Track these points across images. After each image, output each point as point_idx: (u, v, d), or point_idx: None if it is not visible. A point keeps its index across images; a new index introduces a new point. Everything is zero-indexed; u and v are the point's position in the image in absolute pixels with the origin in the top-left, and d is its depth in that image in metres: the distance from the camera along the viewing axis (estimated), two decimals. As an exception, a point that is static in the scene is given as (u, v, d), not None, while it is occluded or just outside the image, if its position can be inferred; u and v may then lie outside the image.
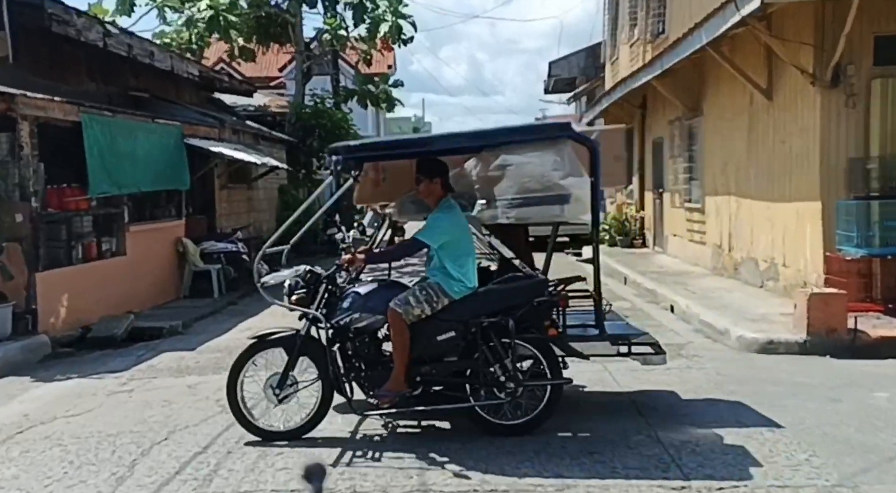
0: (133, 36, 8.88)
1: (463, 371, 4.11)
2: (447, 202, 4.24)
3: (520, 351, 4.08)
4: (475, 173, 4.40)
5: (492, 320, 3.99)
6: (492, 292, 4.18)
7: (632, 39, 14.88)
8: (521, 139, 4.26)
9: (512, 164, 4.18)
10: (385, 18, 14.21)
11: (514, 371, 4.01)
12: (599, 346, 4.34)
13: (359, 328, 4.11)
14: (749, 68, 8.26)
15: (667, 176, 12.22)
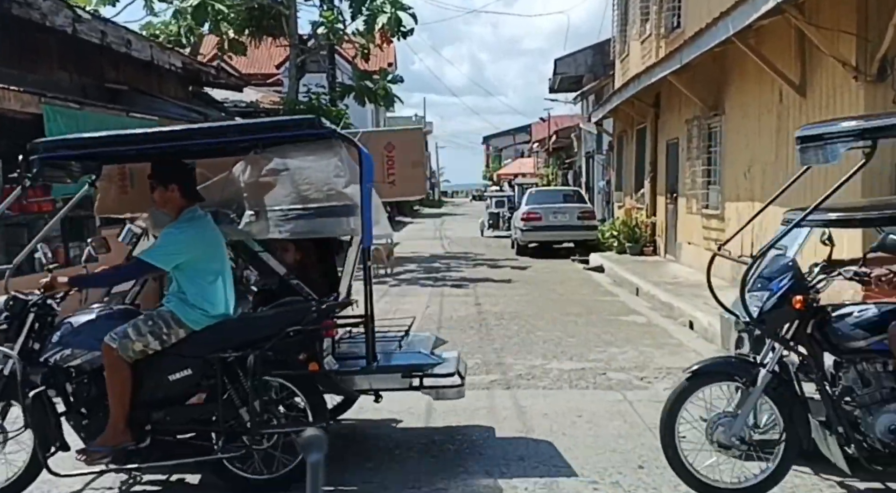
0: (108, 23, 8.19)
1: (210, 417, 3.45)
2: (190, 214, 3.51)
3: (278, 391, 3.49)
4: (243, 179, 3.69)
5: (238, 355, 3.35)
6: (239, 321, 3.59)
7: (643, 35, 14.15)
8: (261, 138, 3.55)
9: (287, 168, 3.56)
10: (384, 10, 13.51)
11: (262, 415, 3.40)
12: (389, 379, 3.74)
13: (75, 367, 3.41)
14: (778, 62, 7.52)
15: (682, 179, 11.48)
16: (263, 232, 3.70)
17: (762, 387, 3.20)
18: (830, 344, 3.23)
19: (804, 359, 3.26)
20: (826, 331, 3.23)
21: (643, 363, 5.96)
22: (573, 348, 6.57)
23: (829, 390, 3.19)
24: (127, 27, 8.90)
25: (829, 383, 3.22)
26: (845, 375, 3.22)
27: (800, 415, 3.22)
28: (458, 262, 14.85)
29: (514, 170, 40.14)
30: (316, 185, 3.54)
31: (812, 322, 3.23)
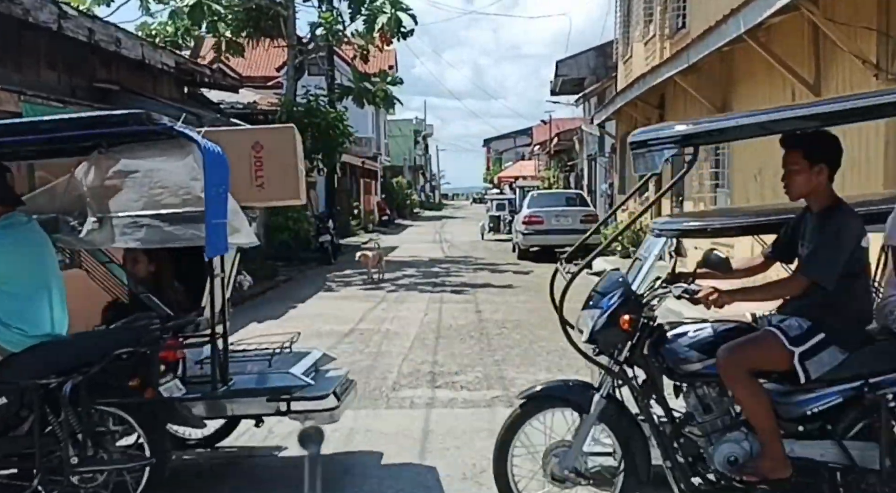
0: (96, 20, 7.89)
1: (31, 451, 3.03)
2: (6, 221, 3.12)
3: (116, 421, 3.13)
4: (86, 182, 3.31)
5: (60, 381, 2.96)
6: (65, 343, 3.18)
7: (647, 36, 13.89)
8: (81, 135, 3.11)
9: (137, 171, 3.19)
10: (384, 10, 13.24)
11: (90, 450, 3.01)
12: (249, 404, 3.42)
13: None
14: (791, 60, 7.24)
15: (689, 183, 11.19)
16: (107, 241, 3.33)
17: (596, 414, 2.94)
18: (667, 367, 2.96)
19: (643, 383, 2.99)
20: (661, 353, 2.96)
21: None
22: (578, 359, 6.18)
23: (668, 417, 2.95)
24: (116, 25, 8.60)
25: (668, 410, 2.96)
26: (686, 400, 2.97)
27: (638, 444, 2.96)
28: (458, 266, 14.56)
29: (515, 173, 39.88)
30: (170, 189, 3.16)
31: (648, 343, 2.96)
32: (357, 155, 27.15)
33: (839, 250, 2.73)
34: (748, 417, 2.81)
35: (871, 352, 2.78)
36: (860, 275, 2.84)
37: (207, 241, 3.00)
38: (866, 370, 2.75)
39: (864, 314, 2.86)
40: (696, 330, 3.01)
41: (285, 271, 13.20)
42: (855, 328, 2.81)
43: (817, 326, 2.77)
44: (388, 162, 39.37)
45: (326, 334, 7.76)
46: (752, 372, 2.78)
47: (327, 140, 15.16)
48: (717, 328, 2.99)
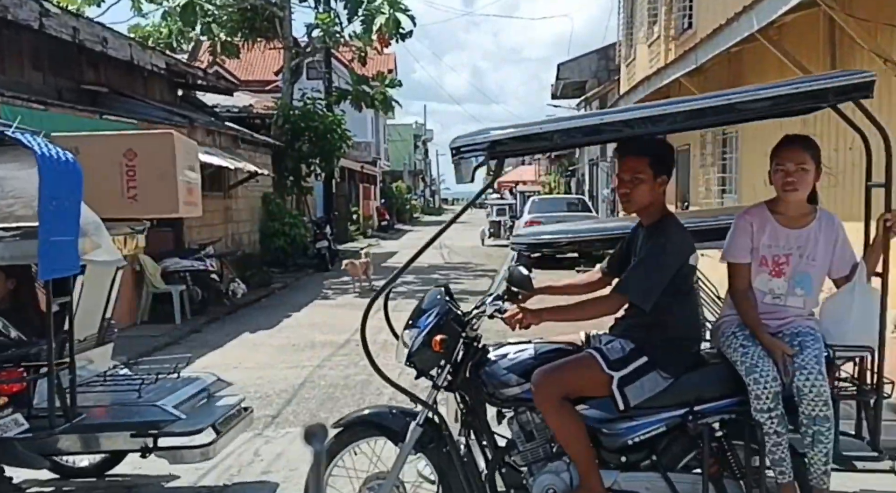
0: (80, 18, 7.60)
1: None
2: None
3: None
4: None
5: None
6: None
7: (651, 38, 13.62)
8: None
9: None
10: (382, 11, 12.97)
11: None
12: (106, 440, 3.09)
13: None
14: (805, 61, 6.93)
15: (694, 188, 10.89)
16: None
17: (411, 443, 2.71)
18: (487, 391, 2.73)
19: (466, 409, 2.78)
20: (482, 376, 2.74)
21: (664, 393, 5.33)
22: None
23: (490, 446, 2.74)
24: (103, 24, 8.33)
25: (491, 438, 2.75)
26: (509, 427, 2.75)
27: (455, 475, 2.73)
28: (458, 273, 14.24)
29: (516, 177, 39.59)
30: (24, 199, 2.86)
31: (470, 365, 2.74)
32: (356, 160, 26.87)
33: (661, 267, 2.54)
34: (562, 446, 2.59)
35: (697, 377, 2.59)
36: (688, 294, 2.66)
37: (41, 260, 2.63)
38: (692, 397, 2.55)
39: (690, 336, 2.66)
40: (518, 351, 2.80)
41: (280, 278, 12.89)
42: (680, 351, 2.60)
43: (640, 348, 2.58)
44: (387, 167, 39.10)
45: (321, 344, 7.44)
46: (567, 397, 2.56)
47: (324, 144, 14.88)
48: (539, 349, 2.79)
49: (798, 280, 2.60)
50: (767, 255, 2.62)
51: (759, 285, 2.62)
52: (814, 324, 2.59)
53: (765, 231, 2.64)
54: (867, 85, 2.35)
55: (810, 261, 2.60)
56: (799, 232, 2.64)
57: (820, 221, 2.66)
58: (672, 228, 2.63)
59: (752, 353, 2.47)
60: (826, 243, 2.63)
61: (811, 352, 2.44)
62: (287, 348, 7.26)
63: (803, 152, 2.65)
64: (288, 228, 13.63)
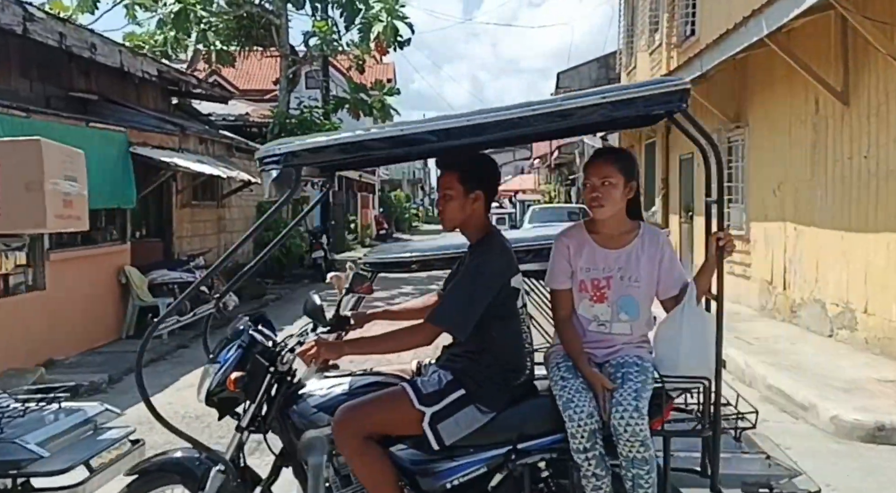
0: (67, 23, 7.36)
1: None
2: None
3: None
4: None
5: None
6: None
7: (652, 46, 13.43)
8: None
9: None
10: (380, 18, 12.77)
11: None
12: None
13: None
14: (816, 66, 6.70)
15: (699, 198, 10.63)
16: None
17: (213, 490, 2.40)
18: (297, 432, 2.42)
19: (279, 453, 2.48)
20: (291, 415, 2.44)
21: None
22: None
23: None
24: (92, 30, 8.10)
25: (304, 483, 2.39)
26: (326, 470, 2.42)
27: None
28: (457, 284, 13.95)
29: (515, 186, 39.42)
30: None
31: (281, 403, 2.45)
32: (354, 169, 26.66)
33: (476, 292, 2.29)
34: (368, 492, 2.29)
35: (522, 411, 2.33)
36: (510, 320, 2.38)
37: None
38: (514, 434, 2.29)
39: (514, 366, 2.38)
40: (331, 386, 2.48)
41: (275, 290, 12.60)
42: (501, 383, 2.34)
43: (458, 380, 2.33)
44: (386, 176, 38.90)
45: (314, 361, 7.13)
46: (373, 437, 2.27)
47: (321, 153, 14.60)
48: (355, 384, 2.48)
49: (622, 305, 2.37)
50: (586, 279, 2.39)
51: (582, 311, 2.41)
52: (644, 353, 2.36)
53: (582, 253, 2.42)
54: (680, 94, 2.07)
55: (633, 283, 2.37)
56: (619, 252, 2.40)
57: (643, 239, 2.41)
58: (491, 247, 2.40)
59: (570, 386, 2.24)
60: (650, 262, 2.39)
61: (630, 386, 2.20)
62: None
63: (609, 166, 2.40)
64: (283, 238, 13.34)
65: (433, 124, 2.19)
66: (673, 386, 2.30)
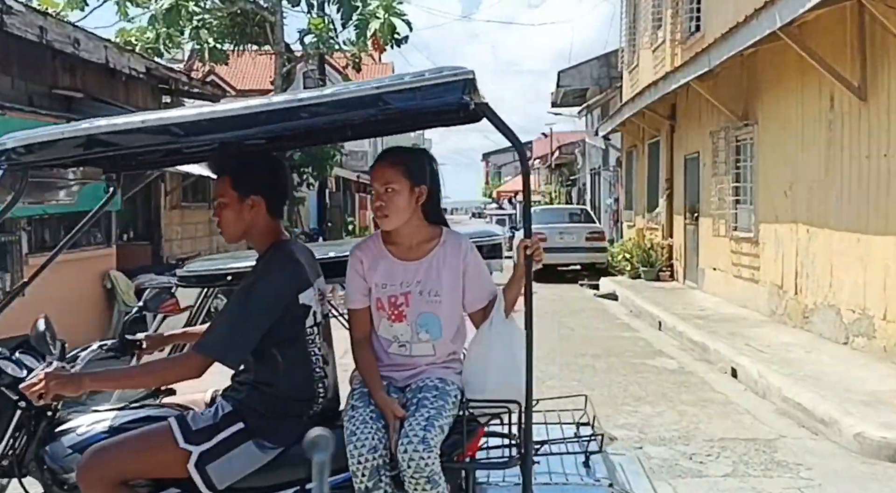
0: (48, 17, 7.06)
1: None
2: None
3: None
4: None
5: None
6: None
7: (655, 43, 13.11)
8: None
9: None
10: (377, 15, 12.46)
11: None
12: None
13: None
14: (831, 60, 6.39)
15: (705, 198, 10.32)
16: None
17: None
18: (54, 477, 2.09)
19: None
20: (44, 457, 2.11)
21: (688, 431, 4.73)
22: (596, 406, 5.24)
23: None
24: (74, 24, 7.79)
25: None
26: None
27: None
28: (456, 287, 13.64)
29: (514, 187, 39.10)
30: None
31: (37, 442, 2.11)
32: (352, 169, 26.36)
33: (248, 313, 1.99)
34: None
35: None
36: (298, 342, 2.07)
37: None
38: (304, 472, 1.94)
39: (306, 395, 2.08)
40: (93, 422, 2.13)
41: (270, 294, 12.28)
42: (290, 415, 2.05)
43: (238, 413, 2.03)
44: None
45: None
46: (132, 482, 1.97)
47: (316, 152, 14.34)
48: (121, 419, 2.14)
49: (422, 323, 2.11)
50: (383, 296, 2.12)
51: (382, 332, 2.15)
52: (450, 374, 2.11)
53: (378, 268, 2.15)
54: (463, 84, 1.74)
55: (433, 298, 2.11)
56: (417, 264, 2.14)
57: (444, 247, 2.15)
58: (271, 262, 2.08)
59: (357, 416, 1.96)
60: (452, 274, 2.13)
61: (423, 413, 1.94)
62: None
63: (390, 170, 2.10)
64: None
65: (177, 117, 1.85)
66: (480, 411, 2.02)
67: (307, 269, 2.12)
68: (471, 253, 2.17)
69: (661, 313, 8.91)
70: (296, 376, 2.07)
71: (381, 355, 2.15)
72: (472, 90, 1.77)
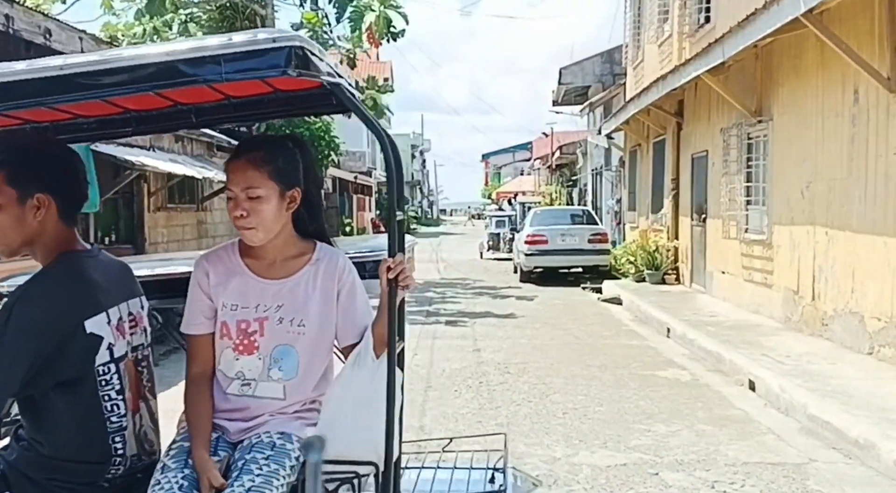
0: (15, 5, 6.62)
1: None
2: None
3: None
4: None
5: None
6: None
7: (662, 37, 12.68)
8: None
9: None
10: (371, 8, 12.04)
11: None
12: None
13: None
14: (855, 47, 5.95)
15: (714, 198, 9.88)
16: None
17: None
18: None
19: None
20: None
21: (707, 454, 4.28)
22: (605, 424, 4.90)
23: None
24: (45, 13, 7.36)
25: None
26: None
27: None
28: (454, 290, 13.21)
29: (514, 188, 38.69)
30: None
31: None
32: (349, 170, 25.97)
33: (11, 349, 1.50)
34: None
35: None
36: (82, 383, 1.59)
37: None
38: None
39: (95, 455, 1.62)
40: None
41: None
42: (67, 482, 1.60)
43: (4, 478, 1.61)
44: (383, 177, 38.21)
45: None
46: None
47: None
48: None
49: (277, 357, 1.70)
50: (231, 321, 1.71)
51: (224, 367, 1.71)
52: (299, 427, 1.68)
53: (229, 285, 1.73)
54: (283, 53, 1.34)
55: (296, 327, 1.70)
56: (281, 284, 1.73)
57: (316, 266, 1.75)
58: (48, 281, 1.61)
59: (165, 482, 1.55)
60: (323, 299, 1.72)
61: (245, 482, 1.53)
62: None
63: (252, 170, 1.68)
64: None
65: None
66: (328, 476, 1.59)
67: (102, 289, 1.64)
68: (347, 274, 1.74)
69: (669, 319, 8.46)
70: (81, 429, 1.60)
71: (217, 398, 1.70)
72: (300, 62, 1.35)
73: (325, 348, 1.74)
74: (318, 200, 1.80)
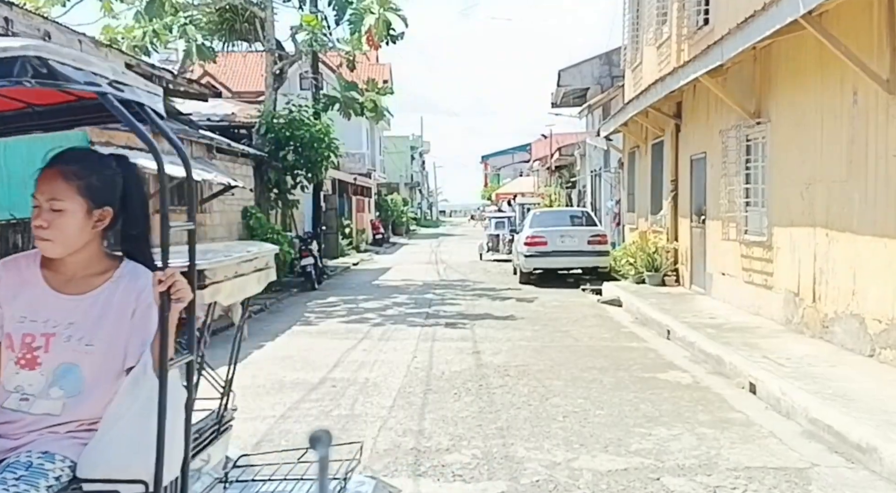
0: (14, 7, 6.59)
1: None
2: None
3: None
4: None
5: None
6: None
7: (660, 39, 12.68)
8: None
9: None
10: (371, 11, 12.03)
11: None
12: None
13: None
14: (854, 49, 5.94)
15: (713, 200, 9.87)
16: None
17: None
18: None
19: None
20: None
21: (708, 459, 4.26)
22: (605, 428, 4.88)
23: None
24: (44, 16, 7.34)
25: None
26: None
27: None
28: (454, 292, 13.20)
29: (514, 189, 38.69)
30: None
31: None
32: (349, 171, 25.93)
33: None
34: None
35: None
36: None
37: None
38: None
39: None
40: None
41: (260, 300, 11.80)
42: None
43: None
44: (383, 179, 38.18)
45: (290, 385, 6.38)
46: None
47: (311, 154, 13.90)
48: None
49: (60, 375, 1.67)
50: (16, 333, 1.68)
51: (4, 379, 1.69)
52: (69, 448, 1.62)
53: (21, 296, 1.70)
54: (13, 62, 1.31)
55: (83, 346, 1.68)
56: (76, 301, 1.71)
57: (117, 283, 1.74)
58: None
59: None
60: (117, 319, 1.71)
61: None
62: (249, 390, 6.20)
63: (61, 183, 1.68)
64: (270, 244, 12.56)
65: None
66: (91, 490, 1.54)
67: None
68: (147, 293, 1.68)
69: (669, 321, 8.45)
70: None
71: None
72: (38, 73, 1.29)
73: (114, 368, 1.69)
74: (143, 220, 1.76)
